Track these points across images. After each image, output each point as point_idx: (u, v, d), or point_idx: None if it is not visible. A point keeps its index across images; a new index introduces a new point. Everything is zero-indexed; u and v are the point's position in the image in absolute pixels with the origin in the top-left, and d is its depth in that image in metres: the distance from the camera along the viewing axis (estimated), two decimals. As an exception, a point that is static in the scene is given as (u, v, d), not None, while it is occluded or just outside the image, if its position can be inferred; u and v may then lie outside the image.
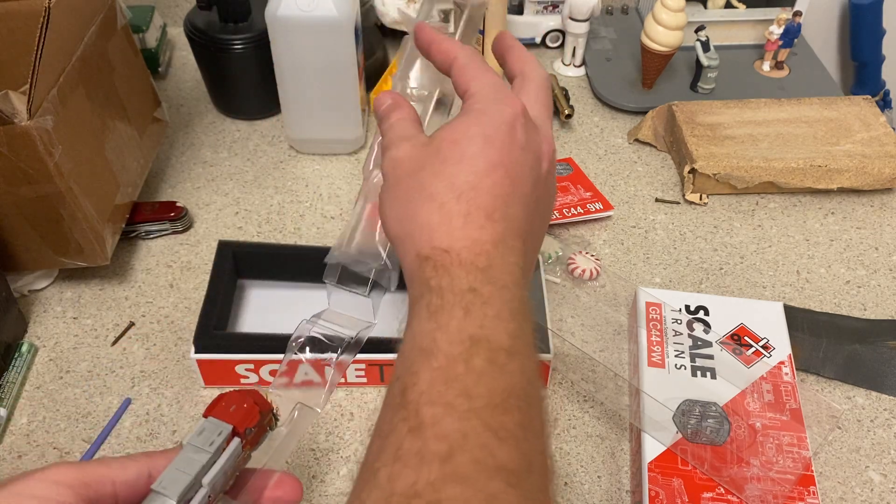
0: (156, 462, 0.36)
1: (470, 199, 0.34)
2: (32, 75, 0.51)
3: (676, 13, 0.78)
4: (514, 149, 0.36)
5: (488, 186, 0.35)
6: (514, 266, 0.34)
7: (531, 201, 0.36)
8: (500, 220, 0.34)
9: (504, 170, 0.35)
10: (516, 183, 0.35)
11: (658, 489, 0.48)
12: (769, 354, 0.56)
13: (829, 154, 0.73)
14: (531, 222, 0.37)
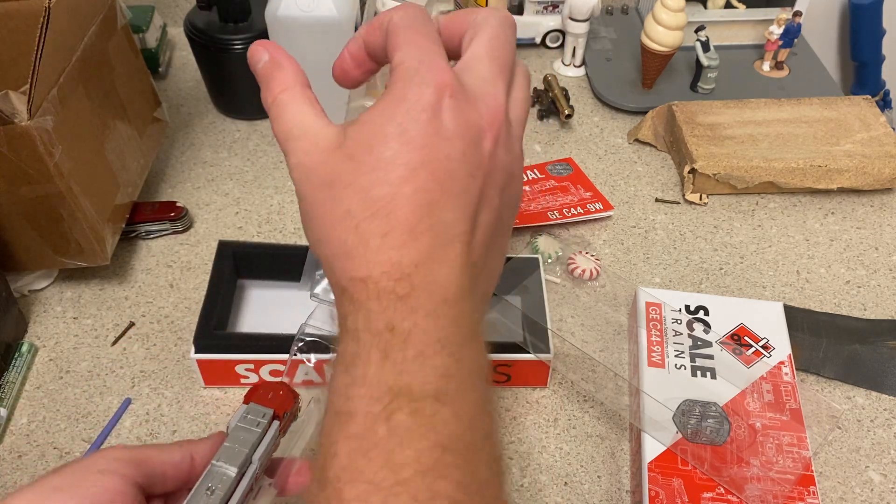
0: (197, 447, 0.39)
1: (387, 215, 0.29)
2: (32, 75, 0.51)
3: (676, 13, 0.78)
4: (439, 140, 0.30)
5: (408, 195, 0.29)
6: (448, 280, 0.29)
7: (473, 193, 0.31)
8: (425, 231, 0.29)
9: (427, 171, 0.29)
10: (446, 181, 0.30)
11: (658, 489, 0.48)
12: (769, 354, 0.56)
13: (829, 154, 0.73)
14: (478, 216, 0.31)
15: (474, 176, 0.31)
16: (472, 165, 0.31)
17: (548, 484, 0.53)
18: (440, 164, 0.30)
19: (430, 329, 0.29)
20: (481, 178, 0.31)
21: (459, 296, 0.30)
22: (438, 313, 0.29)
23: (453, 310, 0.30)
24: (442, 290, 0.30)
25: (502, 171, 0.32)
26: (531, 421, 0.56)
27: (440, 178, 0.30)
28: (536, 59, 0.93)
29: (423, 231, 0.29)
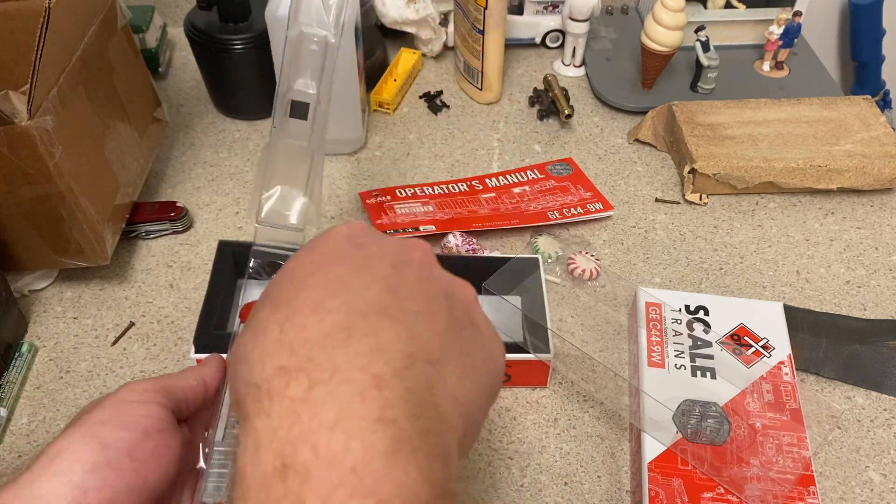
0: (205, 371, 0.41)
1: (288, 304, 0.28)
2: (32, 75, 0.51)
3: (676, 13, 0.78)
4: (304, 256, 0.31)
5: (309, 285, 0.28)
6: (365, 366, 0.25)
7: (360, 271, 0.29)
8: (333, 308, 0.27)
9: (307, 265, 0.30)
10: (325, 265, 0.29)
11: (658, 489, 0.48)
12: (769, 354, 0.56)
13: (829, 154, 0.73)
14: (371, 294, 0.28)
15: (398, 268, 0.30)
16: (396, 261, 0.30)
17: (548, 484, 0.53)
18: (353, 257, 0.29)
19: (338, 453, 0.23)
20: (412, 274, 0.30)
21: (387, 380, 0.24)
22: (349, 419, 0.23)
23: (372, 405, 0.24)
24: (357, 371, 0.24)
25: (445, 281, 0.32)
26: (531, 421, 0.57)
27: (354, 266, 0.29)
28: (536, 59, 0.93)
29: (331, 306, 0.26)
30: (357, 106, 0.75)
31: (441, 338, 0.28)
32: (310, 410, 0.23)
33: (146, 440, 0.35)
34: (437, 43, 0.90)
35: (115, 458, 0.34)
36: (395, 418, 0.24)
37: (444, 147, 0.80)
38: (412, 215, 0.69)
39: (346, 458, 0.23)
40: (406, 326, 0.27)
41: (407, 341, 0.26)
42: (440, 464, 0.25)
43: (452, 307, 0.31)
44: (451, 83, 0.89)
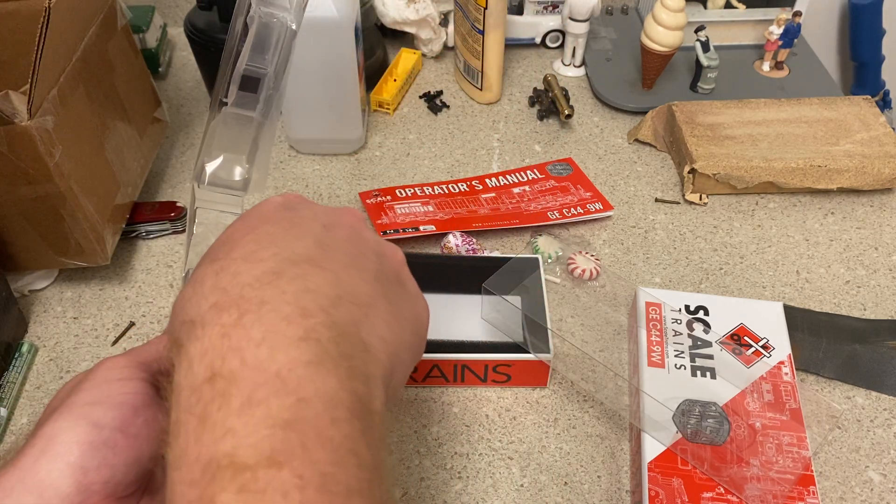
0: None
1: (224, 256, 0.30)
2: (32, 75, 0.51)
3: (676, 13, 0.78)
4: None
5: (238, 239, 0.31)
6: (288, 288, 0.27)
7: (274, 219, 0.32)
8: (266, 258, 0.29)
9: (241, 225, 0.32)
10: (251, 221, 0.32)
11: (658, 489, 0.48)
12: (769, 354, 0.56)
13: (829, 154, 0.73)
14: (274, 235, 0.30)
15: (329, 229, 0.32)
16: (327, 222, 0.32)
17: (548, 484, 0.53)
18: (283, 218, 0.31)
19: (263, 361, 0.24)
20: (343, 234, 0.32)
21: (313, 311, 0.26)
22: (274, 337, 0.25)
23: (297, 328, 0.26)
24: (284, 304, 0.26)
25: (375, 243, 0.34)
26: (531, 421, 0.57)
27: (284, 225, 0.30)
28: (536, 59, 0.93)
29: (263, 256, 0.28)
30: (357, 106, 0.75)
31: (370, 286, 0.30)
32: (239, 333, 0.25)
33: (136, 416, 0.36)
34: (437, 43, 0.90)
35: (110, 437, 0.34)
36: (318, 339, 0.26)
37: (444, 147, 0.80)
38: (412, 215, 0.69)
39: (270, 366, 0.24)
40: (334, 274, 0.29)
41: (335, 285, 0.28)
42: (361, 382, 0.26)
43: (382, 264, 0.33)
44: (451, 83, 0.89)
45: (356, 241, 0.32)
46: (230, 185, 0.44)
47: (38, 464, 0.33)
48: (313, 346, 0.25)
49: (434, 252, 0.68)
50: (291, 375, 0.24)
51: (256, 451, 0.23)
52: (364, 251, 0.32)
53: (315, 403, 0.24)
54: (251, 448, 0.23)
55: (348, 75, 0.72)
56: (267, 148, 0.46)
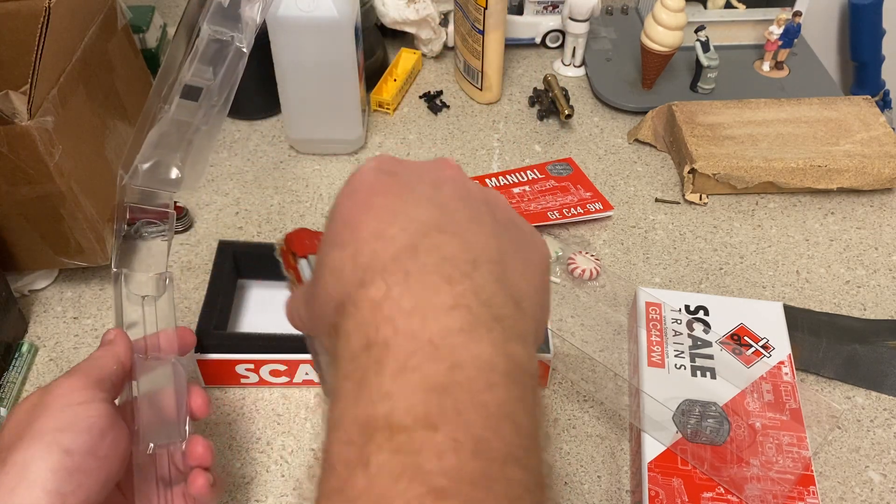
0: (118, 351, 0.43)
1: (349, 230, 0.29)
2: (32, 75, 0.51)
3: (676, 13, 0.78)
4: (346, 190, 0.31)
5: (358, 214, 0.30)
6: (433, 263, 0.27)
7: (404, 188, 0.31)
8: (396, 234, 0.28)
9: (351, 197, 0.31)
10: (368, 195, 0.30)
11: (658, 489, 0.48)
12: (769, 354, 0.56)
13: (829, 154, 0.73)
14: (423, 205, 0.30)
15: (437, 186, 0.31)
16: (433, 181, 0.32)
17: (548, 484, 0.53)
18: (393, 186, 0.30)
19: (416, 329, 0.25)
20: (450, 189, 0.32)
21: (457, 278, 0.26)
22: (425, 305, 0.25)
23: (446, 296, 0.26)
24: (428, 274, 0.26)
25: (479, 191, 0.33)
26: (531, 421, 0.56)
27: (398, 194, 0.30)
28: (536, 59, 0.93)
29: (393, 233, 0.28)
30: (357, 106, 0.75)
31: (495, 240, 0.30)
32: (389, 304, 0.25)
33: (103, 439, 0.38)
34: (437, 43, 0.90)
35: (82, 462, 0.37)
36: (468, 305, 0.26)
37: (444, 147, 0.80)
38: (412, 215, 0.69)
39: (423, 333, 0.25)
40: (462, 237, 0.28)
41: (467, 249, 0.28)
42: (517, 343, 0.26)
43: (494, 212, 0.32)
44: (451, 83, 0.89)
45: (465, 195, 0.32)
46: (162, 184, 0.45)
47: (16, 492, 0.35)
48: (464, 313, 0.25)
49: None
50: (444, 343, 0.25)
51: (411, 414, 0.23)
52: (475, 203, 0.32)
53: (469, 369, 0.24)
54: (406, 411, 0.23)
55: (348, 75, 0.72)
56: (204, 154, 0.47)
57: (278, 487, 0.52)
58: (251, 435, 0.55)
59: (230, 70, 0.47)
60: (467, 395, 0.24)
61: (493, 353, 0.25)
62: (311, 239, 0.46)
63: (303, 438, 0.55)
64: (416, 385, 0.24)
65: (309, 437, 0.55)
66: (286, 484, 0.52)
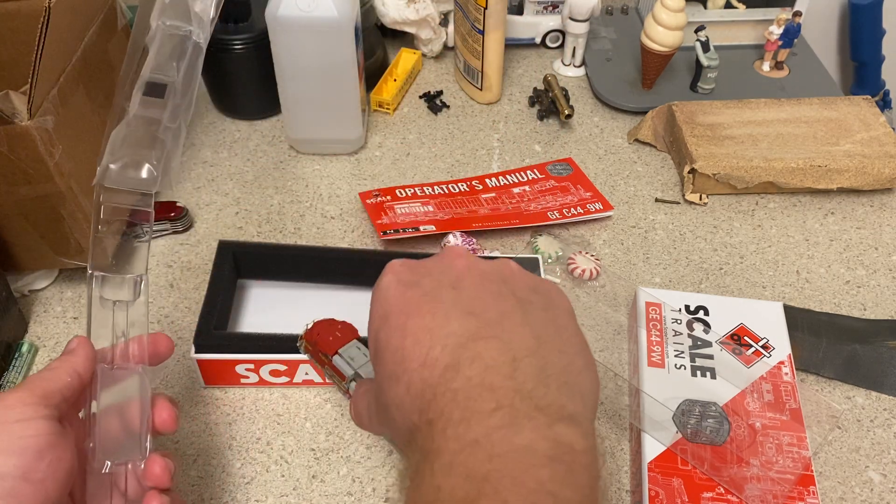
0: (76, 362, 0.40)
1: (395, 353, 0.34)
2: (32, 75, 0.51)
3: (676, 13, 0.78)
4: (403, 289, 0.36)
5: (399, 338, 0.35)
6: (479, 381, 0.32)
7: (465, 296, 0.35)
8: (438, 355, 0.33)
9: (399, 312, 0.35)
10: (429, 306, 0.35)
11: (658, 489, 0.48)
12: (769, 354, 0.56)
13: (829, 154, 0.73)
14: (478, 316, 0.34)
15: (457, 287, 0.36)
16: (451, 281, 0.36)
17: (548, 484, 0.53)
18: (419, 303, 0.35)
19: (461, 434, 0.30)
20: (469, 284, 0.36)
21: (499, 384, 0.31)
22: (470, 414, 0.30)
23: (488, 402, 0.30)
24: (473, 387, 0.31)
25: (492, 271, 0.37)
26: (531, 421, 0.56)
27: (427, 311, 0.34)
28: (536, 59, 0.93)
29: (435, 354, 0.32)
30: (357, 106, 0.75)
31: (528, 328, 0.34)
32: (442, 420, 0.31)
33: (40, 460, 0.35)
34: (437, 43, 0.90)
35: (12, 487, 0.34)
36: (510, 404, 0.30)
37: (444, 147, 0.80)
38: (412, 215, 0.69)
39: (468, 435, 0.29)
40: (499, 338, 0.33)
41: (505, 349, 0.32)
42: (561, 424, 0.30)
43: (514, 290, 0.36)
44: (451, 83, 0.89)
45: (483, 282, 0.36)
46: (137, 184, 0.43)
47: None
48: (506, 412, 0.30)
49: (434, 252, 0.68)
50: (486, 439, 0.29)
51: (455, 498, 0.28)
52: (497, 290, 0.36)
53: (509, 456, 0.29)
54: (450, 496, 0.28)
55: (348, 75, 0.72)
56: (176, 154, 0.46)
57: (278, 487, 0.52)
58: (251, 435, 0.55)
59: (191, 66, 0.46)
60: (507, 478, 0.28)
61: (534, 438, 0.29)
62: (331, 332, 0.49)
63: (303, 438, 0.55)
64: (460, 475, 0.28)
65: (309, 437, 0.55)
66: (286, 484, 0.52)
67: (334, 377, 0.49)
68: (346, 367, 0.48)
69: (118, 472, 0.40)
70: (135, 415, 0.41)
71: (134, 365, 0.43)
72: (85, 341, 0.41)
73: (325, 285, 0.64)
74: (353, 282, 0.63)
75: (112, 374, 0.42)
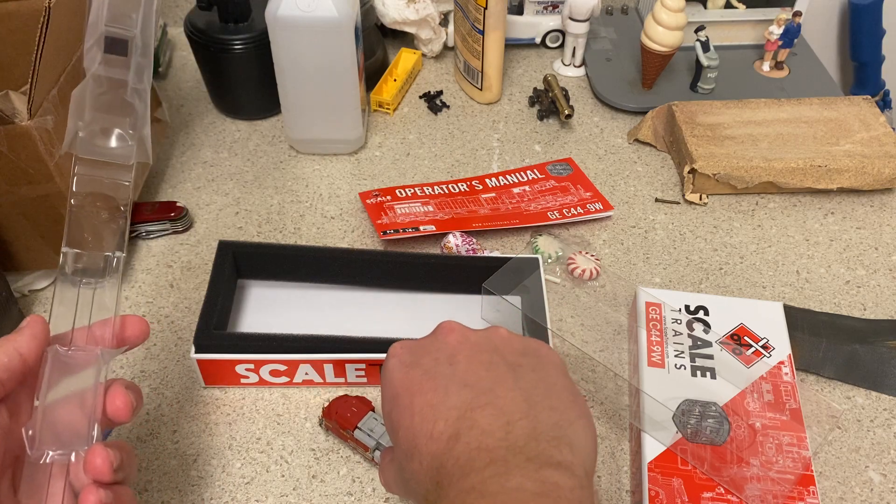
0: (20, 342, 0.37)
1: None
2: (33, 75, 0.51)
3: (676, 13, 0.78)
4: (406, 372, 0.41)
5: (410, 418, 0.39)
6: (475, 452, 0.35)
7: (458, 372, 0.39)
8: (442, 428, 0.37)
9: (404, 392, 0.39)
10: (430, 386, 0.39)
11: (658, 489, 0.48)
12: (769, 354, 0.56)
13: (829, 154, 0.73)
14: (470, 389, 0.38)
15: (452, 363, 0.40)
16: (446, 358, 0.40)
17: (548, 484, 0.53)
18: (422, 382, 0.39)
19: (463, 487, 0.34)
20: (462, 358, 0.40)
21: (493, 445, 0.35)
22: (468, 469, 0.34)
23: (485, 459, 0.34)
24: (471, 451, 0.35)
25: (482, 341, 0.41)
26: (531, 421, 0.56)
27: (429, 389, 0.38)
28: (536, 59, 0.93)
29: (440, 428, 0.37)
30: (357, 106, 0.75)
31: (519, 392, 0.37)
32: (449, 482, 0.35)
33: None
34: (437, 43, 0.90)
35: None
36: (504, 458, 0.34)
37: (444, 147, 0.80)
38: (412, 215, 0.69)
39: (464, 484, 0.34)
40: (492, 405, 0.36)
41: (498, 415, 0.36)
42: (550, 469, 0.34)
43: (504, 356, 0.40)
44: (451, 83, 0.89)
45: (476, 356, 0.40)
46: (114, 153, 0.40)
47: None
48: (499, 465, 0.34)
49: (434, 252, 0.68)
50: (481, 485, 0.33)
51: None
52: (488, 360, 0.39)
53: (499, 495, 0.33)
54: None
55: (348, 75, 0.72)
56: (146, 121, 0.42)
57: (278, 487, 0.52)
58: (251, 435, 0.55)
59: (147, 18, 0.42)
60: None
61: (522, 480, 0.33)
62: (348, 409, 0.53)
63: (303, 438, 0.55)
64: None
65: (309, 437, 0.55)
66: (286, 484, 0.52)
67: (358, 448, 0.53)
68: (367, 439, 0.52)
69: (64, 463, 0.37)
70: (82, 403, 0.38)
71: (93, 348, 0.39)
72: (37, 320, 0.38)
73: (325, 285, 0.64)
74: (352, 282, 0.63)
75: (67, 357, 0.38)
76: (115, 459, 0.37)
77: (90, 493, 0.36)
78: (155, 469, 0.53)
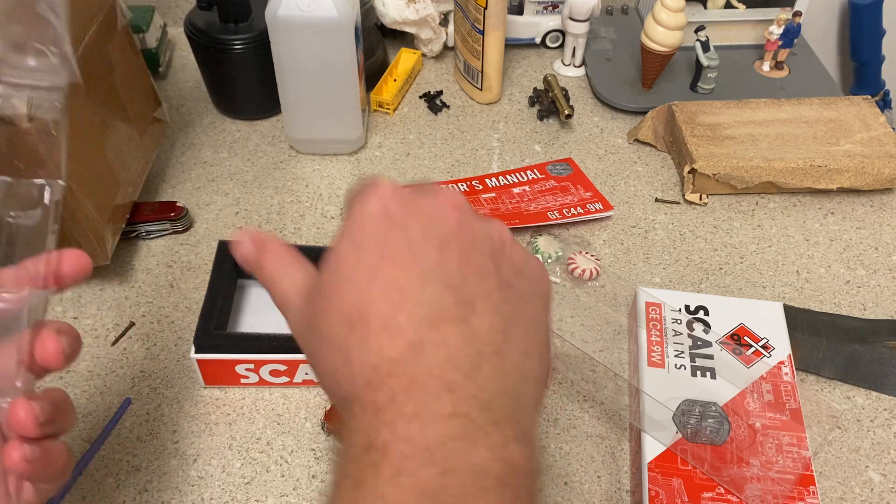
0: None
1: (361, 321, 0.28)
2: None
3: (676, 13, 0.78)
4: (393, 231, 0.30)
5: (377, 294, 0.29)
6: (441, 364, 0.27)
7: (452, 262, 0.30)
8: (404, 321, 0.28)
9: (389, 262, 0.29)
10: (412, 263, 0.29)
11: (658, 489, 0.48)
12: (769, 354, 0.56)
13: (829, 154, 0.73)
14: (467, 287, 0.29)
15: (444, 248, 0.30)
16: (439, 238, 0.30)
17: (548, 484, 0.53)
18: (401, 250, 0.29)
19: (414, 436, 0.26)
20: (456, 248, 0.30)
21: (459, 383, 0.27)
22: (425, 413, 0.26)
23: (446, 404, 0.26)
24: (432, 380, 0.27)
25: (483, 238, 0.32)
26: (531, 421, 0.56)
27: (405, 264, 0.29)
28: (536, 59, 0.93)
29: (401, 322, 0.28)
30: (357, 106, 0.75)
31: (499, 317, 0.30)
32: (392, 409, 0.26)
33: None
34: (437, 43, 0.90)
35: None
36: (467, 412, 0.26)
37: (444, 147, 0.80)
38: (412, 215, 0.69)
39: (420, 440, 0.26)
40: (467, 324, 0.29)
41: (472, 339, 0.28)
42: (514, 444, 0.27)
43: (500, 268, 0.31)
44: (451, 83, 0.89)
45: (471, 255, 0.31)
46: (39, 75, 0.36)
47: None
48: (462, 421, 0.26)
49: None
50: (440, 449, 0.26)
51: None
52: (482, 263, 0.31)
53: (463, 474, 0.25)
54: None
55: (348, 75, 0.72)
56: (65, 38, 0.36)
57: (278, 487, 0.52)
58: (251, 435, 0.55)
59: None
60: (458, 499, 0.25)
61: (488, 457, 0.26)
62: None
63: (303, 438, 0.55)
64: (409, 489, 0.25)
65: (309, 436, 0.55)
66: (286, 484, 0.52)
67: None
68: None
69: None
70: (7, 349, 0.34)
71: (19, 289, 0.34)
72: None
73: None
74: (353, 282, 0.63)
75: None
76: (42, 413, 0.33)
77: (14, 448, 0.33)
78: (155, 469, 0.53)
